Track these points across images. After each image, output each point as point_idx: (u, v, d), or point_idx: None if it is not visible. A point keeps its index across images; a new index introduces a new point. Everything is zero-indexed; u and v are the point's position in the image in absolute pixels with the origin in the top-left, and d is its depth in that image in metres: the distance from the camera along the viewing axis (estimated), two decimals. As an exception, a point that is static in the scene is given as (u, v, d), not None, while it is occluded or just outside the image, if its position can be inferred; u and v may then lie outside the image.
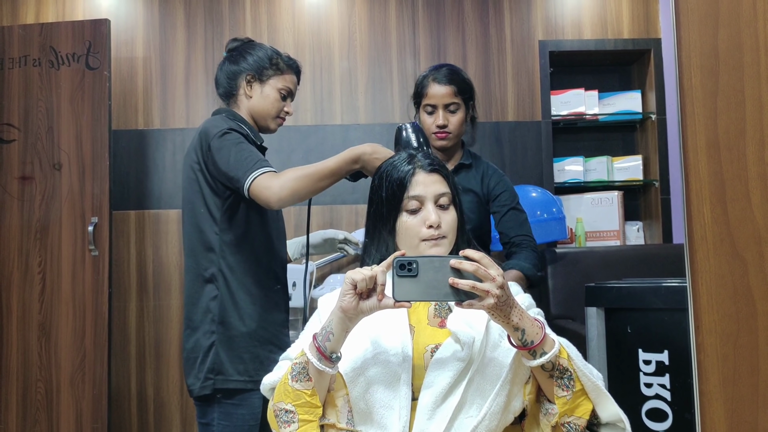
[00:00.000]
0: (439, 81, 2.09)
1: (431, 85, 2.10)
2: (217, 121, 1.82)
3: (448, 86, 2.08)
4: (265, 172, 1.67)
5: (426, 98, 2.11)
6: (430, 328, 1.36)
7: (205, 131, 1.81)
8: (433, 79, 2.10)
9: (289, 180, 1.65)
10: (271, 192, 1.64)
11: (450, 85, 2.08)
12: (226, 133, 1.76)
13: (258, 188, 1.65)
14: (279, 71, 1.96)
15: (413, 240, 1.38)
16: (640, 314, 1.84)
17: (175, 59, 3.28)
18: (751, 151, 0.75)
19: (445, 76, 2.09)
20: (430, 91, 2.10)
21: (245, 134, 1.81)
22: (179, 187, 3.19)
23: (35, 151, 2.83)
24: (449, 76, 2.10)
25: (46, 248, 2.79)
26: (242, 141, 1.76)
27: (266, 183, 1.65)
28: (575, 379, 1.24)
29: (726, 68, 0.76)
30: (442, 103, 2.09)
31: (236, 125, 1.82)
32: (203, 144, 1.80)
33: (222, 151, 1.74)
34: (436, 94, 2.09)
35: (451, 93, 2.08)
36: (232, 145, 1.74)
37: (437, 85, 2.09)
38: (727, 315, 0.76)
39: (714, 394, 0.75)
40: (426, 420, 1.25)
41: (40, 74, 2.87)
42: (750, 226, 0.75)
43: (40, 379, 2.74)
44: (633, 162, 3.35)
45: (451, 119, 2.10)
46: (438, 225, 1.37)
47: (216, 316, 1.81)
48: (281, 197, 1.64)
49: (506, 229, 2.14)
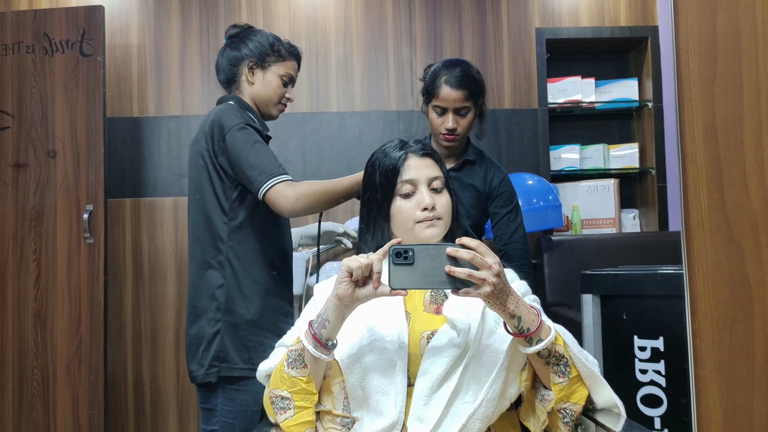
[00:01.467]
0: (452, 84, 2.03)
1: (443, 88, 2.04)
2: (232, 112, 1.82)
3: (460, 90, 2.03)
4: (283, 181, 1.71)
5: (437, 99, 2.06)
6: (426, 315, 1.36)
7: (219, 122, 1.80)
8: (445, 81, 2.04)
9: (305, 195, 1.71)
10: (286, 201, 1.69)
11: (462, 89, 2.04)
12: (243, 129, 1.77)
13: (274, 196, 1.70)
14: (281, 58, 1.95)
15: (408, 223, 1.38)
16: (635, 301, 1.84)
17: (169, 46, 3.26)
18: (749, 136, 0.75)
19: (458, 79, 2.04)
20: (441, 93, 2.05)
21: (259, 129, 1.83)
22: (175, 174, 3.19)
23: (29, 138, 2.82)
24: (462, 79, 2.04)
25: (41, 236, 2.78)
26: (259, 140, 1.78)
27: (283, 192, 1.70)
28: (571, 366, 1.24)
29: (724, 53, 0.76)
30: (453, 107, 2.05)
31: (249, 117, 1.83)
32: (216, 134, 1.80)
33: (238, 146, 1.76)
34: (448, 98, 2.04)
35: (462, 97, 2.04)
36: (249, 143, 1.76)
37: (449, 88, 2.04)
38: (723, 300, 0.76)
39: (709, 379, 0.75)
40: (422, 406, 1.25)
41: (34, 61, 2.85)
42: (747, 212, 0.75)
43: (36, 366, 2.74)
44: (629, 150, 3.35)
45: (460, 122, 2.07)
46: (432, 207, 1.37)
47: (222, 304, 1.81)
48: (294, 209, 1.70)
49: (500, 233, 2.16)
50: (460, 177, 2.15)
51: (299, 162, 3.24)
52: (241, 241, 1.83)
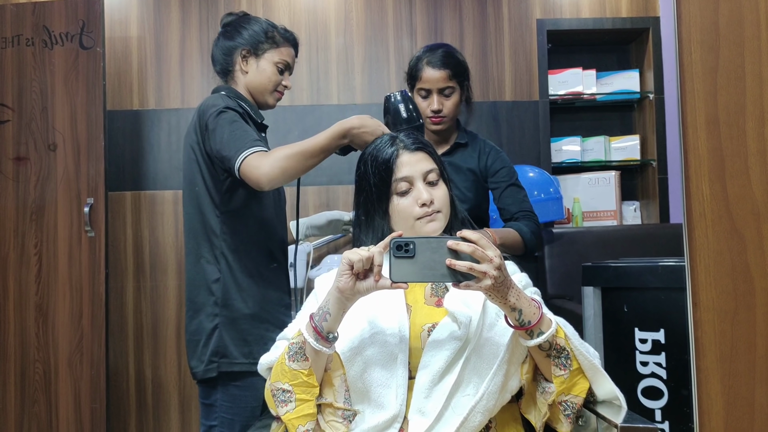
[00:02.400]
0: (434, 65, 2.04)
1: (425, 69, 2.05)
2: (215, 99, 1.79)
3: (442, 70, 2.04)
4: (255, 152, 1.63)
5: (420, 82, 2.06)
6: (427, 307, 1.36)
7: (202, 110, 1.78)
8: (427, 62, 2.05)
9: (278, 159, 1.61)
10: (260, 172, 1.60)
11: (445, 69, 2.04)
12: (222, 112, 1.73)
13: (248, 168, 1.62)
14: (275, 44, 1.92)
15: (408, 221, 1.37)
16: (636, 293, 1.84)
17: (169, 38, 3.25)
18: (751, 127, 0.74)
19: (440, 59, 2.04)
20: (424, 74, 2.05)
21: (243, 112, 1.78)
22: (175, 167, 3.18)
23: (30, 131, 2.81)
24: (444, 59, 2.05)
25: (42, 229, 2.78)
26: (237, 120, 1.72)
27: (255, 163, 1.61)
28: (572, 358, 1.24)
29: (726, 43, 0.75)
30: (437, 88, 2.05)
31: (235, 103, 1.78)
32: (201, 123, 1.78)
33: (216, 130, 1.71)
34: (431, 78, 2.04)
35: (445, 77, 2.04)
36: (226, 123, 1.70)
37: (431, 69, 2.04)
38: (725, 292, 0.75)
39: (711, 370, 0.75)
40: (423, 399, 1.25)
41: (34, 54, 2.84)
42: (749, 203, 0.75)
43: (38, 359, 2.74)
44: (630, 142, 3.34)
45: (445, 103, 2.06)
46: (431, 201, 1.37)
47: (219, 298, 1.80)
48: (271, 177, 1.61)
49: (507, 205, 2.12)
50: (453, 161, 2.13)
51: (300, 155, 3.22)
52: (234, 233, 1.81)
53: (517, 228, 2.03)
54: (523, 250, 2.02)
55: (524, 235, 2.02)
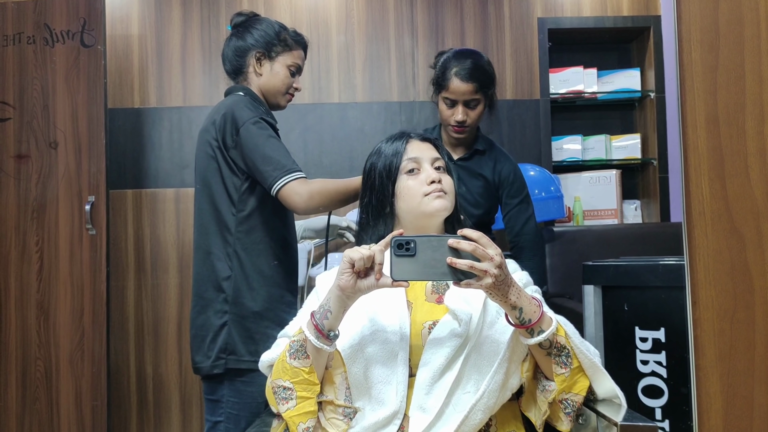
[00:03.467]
0: (462, 77, 2.03)
1: (453, 80, 2.04)
2: (246, 105, 1.81)
3: (470, 83, 2.03)
4: (297, 178, 1.72)
5: (446, 91, 2.06)
6: (427, 305, 1.37)
7: (232, 115, 1.79)
8: (455, 73, 2.04)
9: (319, 194, 1.71)
10: (300, 199, 1.70)
11: (472, 82, 2.03)
12: (258, 123, 1.77)
13: (288, 193, 1.71)
14: (287, 47, 1.93)
15: (415, 198, 1.39)
16: (637, 292, 1.84)
17: (170, 37, 3.25)
18: (751, 125, 0.74)
19: (468, 72, 2.03)
20: (451, 85, 2.04)
21: (272, 123, 1.82)
22: (176, 166, 3.18)
23: (31, 129, 2.82)
24: (472, 72, 2.04)
25: (44, 227, 2.78)
26: (273, 135, 1.79)
27: (297, 189, 1.70)
28: (573, 357, 1.24)
29: (726, 42, 0.75)
30: (463, 100, 2.05)
31: (262, 111, 1.83)
32: (229, 127, 1.79)
33: (252, 141, 1.75)
34: (457, 90, 2.04)
35: (472, 90, 2.04)
36: (264, 137, 1.76)
37: (459, 81, 2.03)
38: (725, 290, 0.76)
39: (710, 369, 0.75)
40: (424, 395, 1.26)
41: (35, 52, 2.84)
42: (748, 202, 0.75)
43: (39, 357, 2.74)
44: (631, 140, 3.34)
45: (470, 114, 2.07)
46: (439, 180, 1.39)
47: (229, 296, 1.81)
48: (308, 208, 1.71)
49: (512, 224, 2.16)
50: (469, 166, 2.15)
51: (301, 153, 3.23)
52: (249, 232, 1.83)
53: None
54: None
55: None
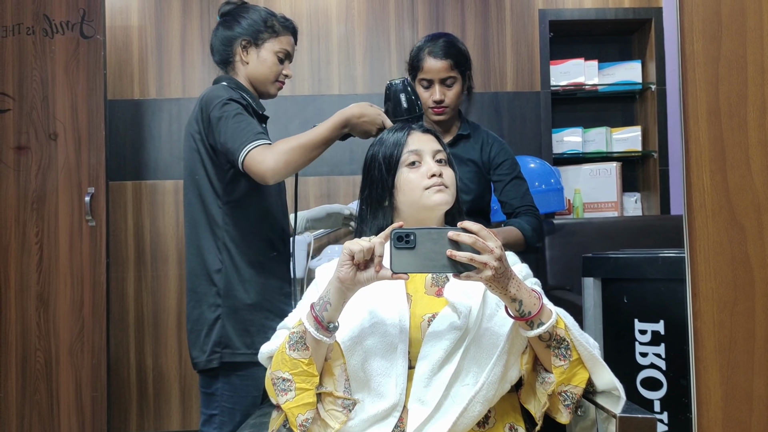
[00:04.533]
0: (435, 55, 2.03)
1: (427, 59, 2.03)
2: (218, 91, 1.78)
3: (444, 60, 2.02)
4: (259, 145, 1.65)
5: (422, 72, 2.05)
6: (427, 297, 1.37)
7: (205, 101, 1.78)
8: (428, 52, 2.04)
9: (282, 152, 1.63)
10: (264, 166, 1.62)
11: (446, 59, 2.02)
12: (226, 104, 1.73)
13: (251, 162, 1.64)
14: (275, 33, 1.90)
15: (416, 192, 1.38)
16: (636, 285, 1.84)
17: (170, 27, 3.24)
18: (752, 117, 0.74)
19: (441, 49, 2.03)
20: (425, 65, 2.04)
21: (246, 104, 1.78)
22: (176, 157, 3.18)
23: (30, 120, 2.81)
24: (445, 49, 2.03)
25: (43, 218, 2.78)
26: (241, 112, 1.73)
27: (259, 157, 1.63)
28: (572, 349, 1.24)
29: (728, 33, 0.75)
30: (438, 78, 2.04)
31: (238, 95, 1.78)
32: (204, 114, 1.77)
33: (220, 122, 1.71)
34: (432, 69, 2.03)
35: (447, 67, 2.03)
36: (230, 116, 1.71)
37: (433, 59, 2.03)
38: (725, 282, 0.75)
39: (710, 361, 0.75)
40: (423, 388, 1.26)
41: (34, 43, 2.83)
42: (749, 194, 0.74)
43: (39, 348, 2.75)
44: (632, 133, 3.33)
45: (447, 93, 2.05)
46: (440, 174, 1.38)
47: (221, 289, 1.80)
48: (275, 171, 1.63)
49: (509, 199, 2.12)
50: (456, 152, 2.12)
51: (301, 145, 3.22)
52: (237, 224, 1.81)
53: (518, 226, 2.03)
54: (523, 247, 2.03)
55: (525, 232, 2.02)
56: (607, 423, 1.25)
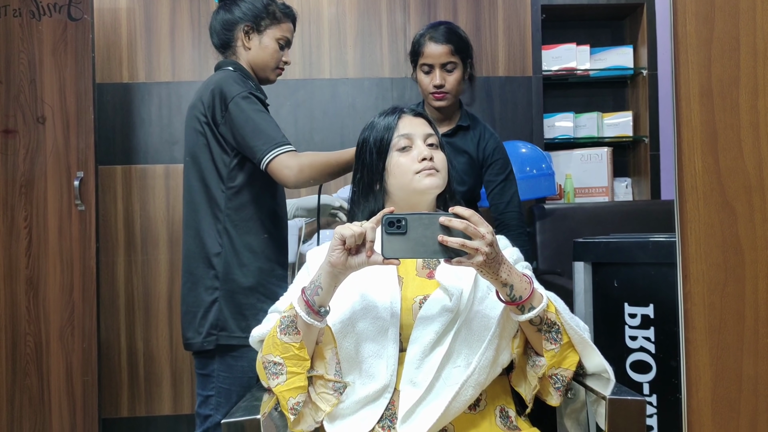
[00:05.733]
0: (436, 40, 2.06)
1: (428, 44, 2.07)
2: (235, 80, 1.79)
3: (444, 45, 2.05)
4: (287, 151, 1.70)
5: (423, 57, 2.08)
6: (418, 279, 1.37)
7: (221, 90, 1.77)
8: (429, 38, 2.07)
9: (309, 167, 1.70)
10: (290, 173, 1.68)
11: (447, 44, 2.05)
12: (247, 98, 1.75)
13: (278, 167, 1.69)
14: (276, 20, 1.91)
15: (407, 176, 1.38)
16: (626, 269, 1.85)
17: (159, 10, 3.20)
18: (744, 99, 0.74)
19: (443, 35, 2.06)
20: (426, 50, 2.07)
21: (261, 98, 1.80)
22: (166, 142, 3.16)
23: (18, 103, 2.78)
24: (446, 35, 2.07)
25: (32, 202, 2.76)
26: (263, 109, 1.77)
27: (287, 163, 1.69)
28: (563, 333, 1.25)
29: (721, 15, 0.74)
30: (439, 63, 2.06)
31: (251, 86, 1.81)
32: (218, 103, 1.77)
33: (242, 116, 1.74)
34: (433, 54, 2.06)
35: (447, 52, 2.06)
36: (253, 112, 1.74)
37: (434, 44, 2.06)
38: (715, 264, 0.76)
39: (700, 342, 0.75)
40: (414, 369, 1.26)
41: (21, 25, 2.79)
42: (741, 176, 0.75)
43: (29, 332, 2.74)
44: (623, 118, 3.34)
45: (448, 78, 2.08)
46: (431, 158, 1.38)
47: (220, 272, 1.80)
48: (298, 181, 1.70)
49: (496, 201, 2.16)
50: (453, 142, 2.14)
51: (291, 129, 3.21)
52: (239, 209, 1.82)
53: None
54: None
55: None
56: (597, 405, 1.26)
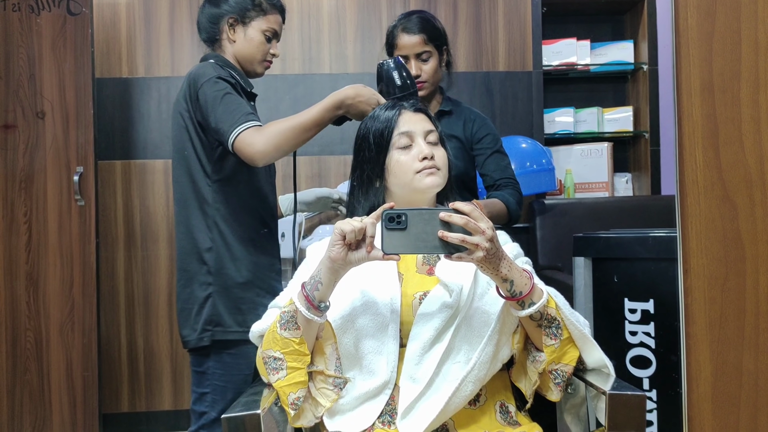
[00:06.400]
0: (409, 30, 2.05)
1: (401, 36, 2.06)
2: (206, 68, 1.76)
3: (418, 35, 2.04)
4: (250, 127, 1.63)
5: (397, 49, 2.07)
6: (418, 276, 1.37)
7: (193, 78, 1.76)
8: (402, 28, 2.06)
9: (273, 135, 1.62)
10: (254, 149, 1.61)
11: (420, 33, 2.04)
12: (216, 83, 1.71)
13: (242, 144, 1.62)
14: (262, 12, 1.88)
15: (407, 175, 1.37)
16: (626, 264, 1.85)
17: (158, 5, 3.19)
18: (746, 93, 0.74)
19: (415, 24, 2.05)
20: (400, 41, 2.06)
21: (234, 83, 1.76)
22: (165, 136, 3.15)
23: (17, 98, 2.77)
24: (419, 24, 2.05)
25: (32, 198, 2.76)
26: (230, 92, 1.71)
27: (249, 139, 1.62)
28: (563, 328, 1.25)
29: (723, 8, 0.74)
30: (414, 53, 2.05)
31: (226, 73, 1.77)
32: (191, 91, 1.75)
33: (209, 101, 1.70)
34: (407, 44, 2.05)
35: (421, 42, 2.04)
36: (219, 95, 1.69)
37: (407, 35, 2.05)
38: (716, 258, 0.76)
39: (700, 337, 0.75)
40: (414, 365, 1.26)
41: (20, 20, 2.78)
42: (741, 170, 0.74)
43: (29, 328, 2.74)
44: (623, 113, 3.33)
45: (423, 68, 2.06)
46: (431, 156, 1.37)
47: (212, 267, 1.79)
48: (265, 153, 1.62)
49: (489, 172, 2.13)
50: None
51: (291, 124, 3.20)
52: (226, 202, 1.80)
53: (502, 198, 2.04)
54: (506, 219, 2.03)
55: (509, 205, 2.03)
56: (597, 400, 1.26)
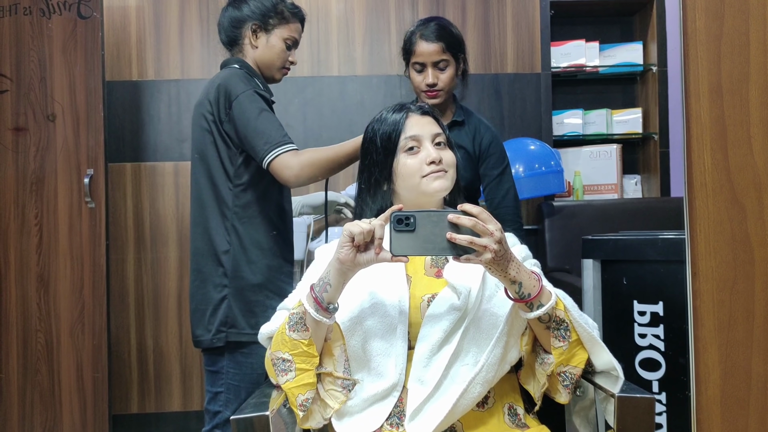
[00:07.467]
0: (427, 38, 2.03)
1: (419, 43, 2.04)
2: (240, 78, 1.80)
3: (436, 43, 2.02)
4: (288, 151, 1.71)
5: (414, 56, 2.06)
6: (426, 278, 1.37)
7: (226, 88, 1.78)
8: (420, 36, 2.04)
9: (309, 164, 1.71)
10: (291, 173, 1.70)
11: (438, 42, 2.02)
12: (250, 96, 1.76)
13: (279, 166, 1.70)
14: (284, 20, 1.91)
15: (414, 179, 1.37)
16: (635, 266, 1.85)
17: (168, 8, 3.21)
18: (755, 95, 0.74)
19: (433, 32, 2.03)
20: (417, 48, 2.04)
21: (265, 96, 1.81)
22: (175, 139, 3.17)
23: (28, 101, 2.80)
24: (437, 32, 2.04)
25: (42, 200, 2.78)
26: (266, 109, 1.77)
27: (287, 162, 1.70)
28: (571, 330, 1.25)
29: (731, 10, 0.74)
30: (431, 61, 2.04)
31: (256, 84, 1.82)
32: (223, 100, 1.78)
33: (244, 115, 1.75)
34: (424, 52, 2.03)
35: (439, 50, 2.03)
36: (256, 111, 1.75)
37: (425, 42, 2.03)
38: (725, 261, 0.75)
39: (709, 340, 0.75)
40: (422, 368, 1.26)
41: (32, 23, 2.81)
42: (750, 172, 0.74)
43: (39, 329, 2.76)
44: (632, 115, 3.32)
45: (440, 77, 2.05)
46: (439, 160, 1.37)
47: (228, 270, 1.81)
48: (300, 180, 1.71)
49: (493, 196, 2.14)
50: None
51: (300, 127, 3.21)
52: (247, 206, 1.83)
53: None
54: None
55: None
56: (606, 403, 1.25)
